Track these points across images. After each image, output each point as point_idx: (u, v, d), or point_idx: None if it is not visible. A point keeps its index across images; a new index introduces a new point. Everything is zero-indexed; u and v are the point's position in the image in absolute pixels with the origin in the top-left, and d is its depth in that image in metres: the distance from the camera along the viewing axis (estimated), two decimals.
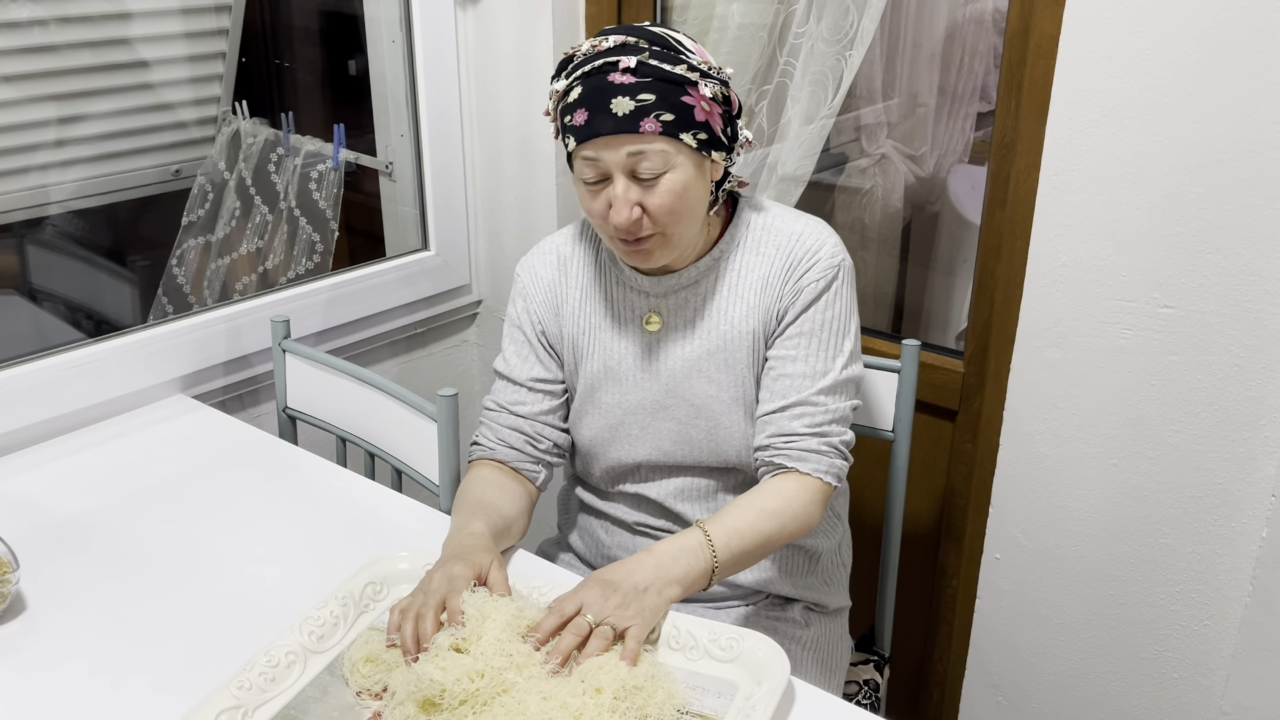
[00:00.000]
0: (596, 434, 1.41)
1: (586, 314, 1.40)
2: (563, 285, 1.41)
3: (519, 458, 1.40)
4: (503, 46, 2.03)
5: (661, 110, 1.18)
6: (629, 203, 1.21)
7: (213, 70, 2.45)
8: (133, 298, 2.44)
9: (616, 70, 1.19)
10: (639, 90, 1.18)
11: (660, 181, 1.21)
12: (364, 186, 2.29)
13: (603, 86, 1.19)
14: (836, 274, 1.31)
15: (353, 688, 1.09)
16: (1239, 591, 1.48)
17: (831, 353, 1.31)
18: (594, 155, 1.21)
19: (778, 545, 1.27)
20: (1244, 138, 1.32)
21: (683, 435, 1.37)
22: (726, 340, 1.33)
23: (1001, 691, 1.78)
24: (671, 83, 1.19)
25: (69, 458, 1.57)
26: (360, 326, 2.04)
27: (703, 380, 1.34)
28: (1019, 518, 1.67)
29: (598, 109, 1.19)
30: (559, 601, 1.13)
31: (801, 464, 1.28)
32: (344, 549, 1.35)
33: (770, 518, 1.25)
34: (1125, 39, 1.37)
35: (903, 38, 2.45)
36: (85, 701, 1.09)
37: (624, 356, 1.38)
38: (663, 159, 1.20)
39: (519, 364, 1.42)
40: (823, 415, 1.29)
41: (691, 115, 1.20)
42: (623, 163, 1.20)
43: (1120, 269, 1.46)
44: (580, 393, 1.41)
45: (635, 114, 1.18)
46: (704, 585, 1.21)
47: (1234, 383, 1.41)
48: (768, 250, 1.33)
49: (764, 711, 1.01)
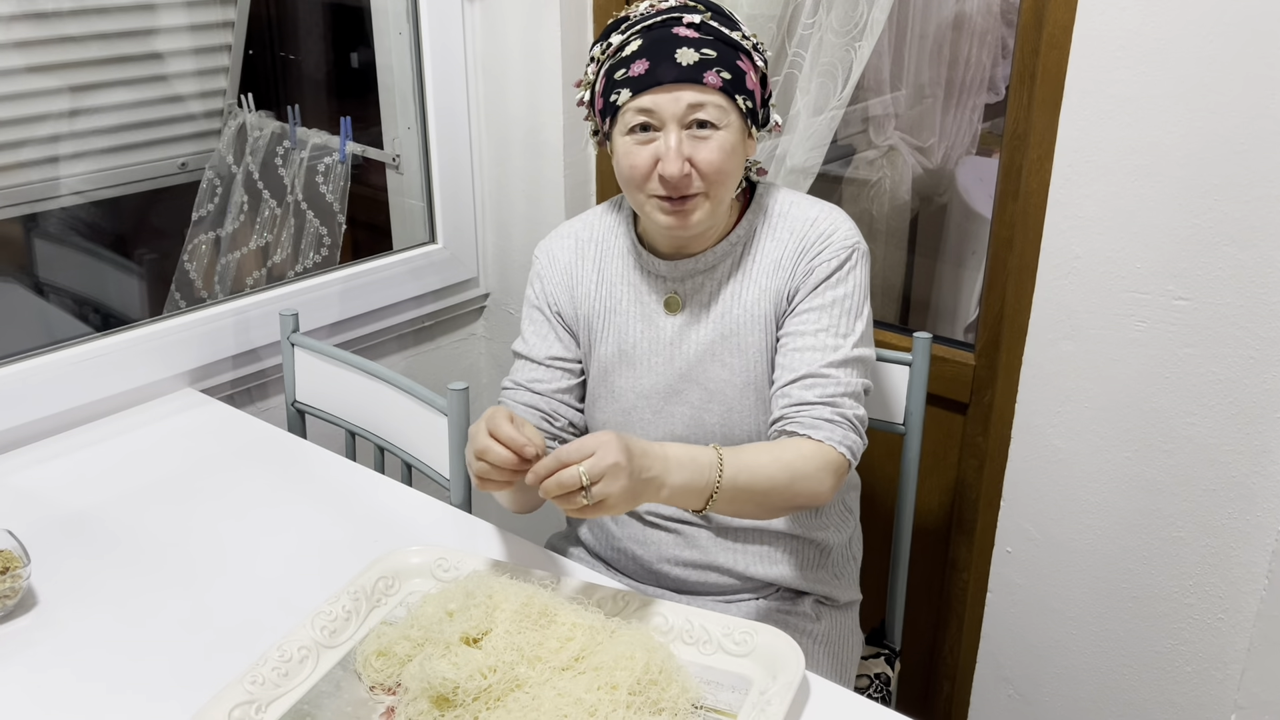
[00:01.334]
0: (609, 419, 1.40)
1: (602, 297, 1.40)
2: (579, 267, 1.41)
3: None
4: (510, 38, 2.02)
5: (722, 67, 1.22)
6: (681, 156, 1.22)
7: (218, 63, 2.45)
8: (141, 291, 2.44)
9: (681, 24, 1.23)
10: (703, 45, 1.22)
11: (713, 137, 1.23)
12: (370, 179, 2.28)
13: (666, 38, 1.22)
14: (850, 256, 1.31)
15: (365, 682, 1.09)
16: (1254, 585, 1.47)
17: (844, 329, 1.30)
18: (650, 105, 1.22)
19: (782, 500, 1.24)
20: (1260, 129, 1.31)
21: (696, 420, 1.36)
22: (740, 324, 1.33)
23: (1013, 685, 1.78)
24: (731, 45, 1.24)
25: (77, 452, 1.57)
26: (368, 320, 2.03)
27: (717, 365, 1.34)
28: (1030, 511, 1.66)
29: (661, 58, 1.22)
30: (572, 447, 1.08)
31: (814, 431, 1.26)
32: (355, 543, 1.35)
33: (784, 468, 1.22)
34: (1140, 29, 1.36)
35: (911, 29, 2.44)
36: (98, 696, 1.09)
37: (639, 341, 1.38)
38: (720, 113, 1.23)
39: (537, 343, 1.42)
40: (834, 387, 1.28)
41: (744, 81, 1.24)
42: (680, 113, 1.22)
43: (1134, 261, 1.45)
44: (594, 376, 1.41)
45: (700, 64, 1.21)
46: (696, 506, 1.18)
47: (1250, 375, 1.40)
48: (782, 235, 1.34)
49: (779, 706, 1.01)
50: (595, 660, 1.05)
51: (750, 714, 1.03)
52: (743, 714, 1.04)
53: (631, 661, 1.04)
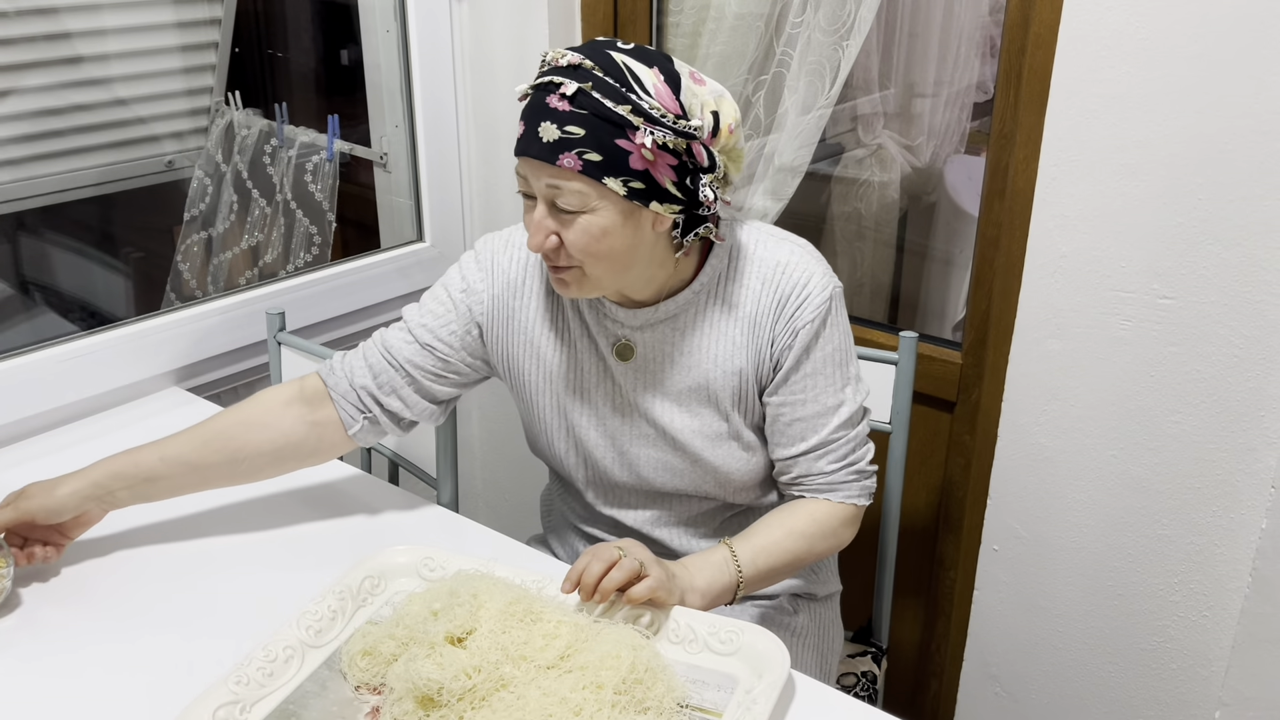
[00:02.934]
0: (569, 450, 1.36)
1: (562, 324, 1.31)
2: (522, 287, 1.32)
3: (346, 394, 1.32)
4: (498, 35, 2.02)
5: (587, 148, 1.10)
6: (544, 230, 1.15)
7: (205, 60, 2.44)
8: (127, 290, 2.43)
9: (554, 93, 1.11)
10: (569, 121, 1.10)
11: (578, 219, 1.14)
12: (358, 178, 2.28)
13: (539, 106, 1.12)
14: (829, 306, 1.24)
15: (351, 682, 1.09)
16: (1238, 583, 1.48)
17: (839, 383, 1.27)
18: (524, 172, 1.16)
19: (807, 563, 1.29)
20: (1245, 128, 1.32)
21: (663, 463, 1.32)
22: (710, 377, 1.27)
23: (1000, 683, 1.78)
24: (609, 122, 1.10)
25: (62, 451, 1.56)
26: (355, 319, 2.03)
27: (684, 414, 1.29)
28: (1017, 509, 1.67)
29: (530, 128, 1.13)
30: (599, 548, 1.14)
31: (833, 494, 1.29)
32: (340, 543, 1.35)
33: (799, 538, 1.26)
34: (1125, 28, 1.37)
35: (899, 27, 2.44)
36: (82, 697, 1.08)
37: (600, 381, 1.31)
38: (579, 198, 1.12)
39: (425, 319, 1.32)
40: (846, 446, 1.29)
41: (625, 161, 1.11)
42: (543, 191, 1.14)
43: (1120, 260, 1.46)
44: (543, 405, 1.34)
45: (556, 145, 1.10)
46: (728, 600, 1.22)
47: (1234, 373, 1.41)
48: (752, 284, 1.25)
49: (764, 705, 1.01)
50: (581, 659, 1.05)
51: (736, 713, 1.03)
52: (728, 713, 1.04)
53: (617, 661, 1.04)
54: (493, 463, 2.36)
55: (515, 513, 2.34)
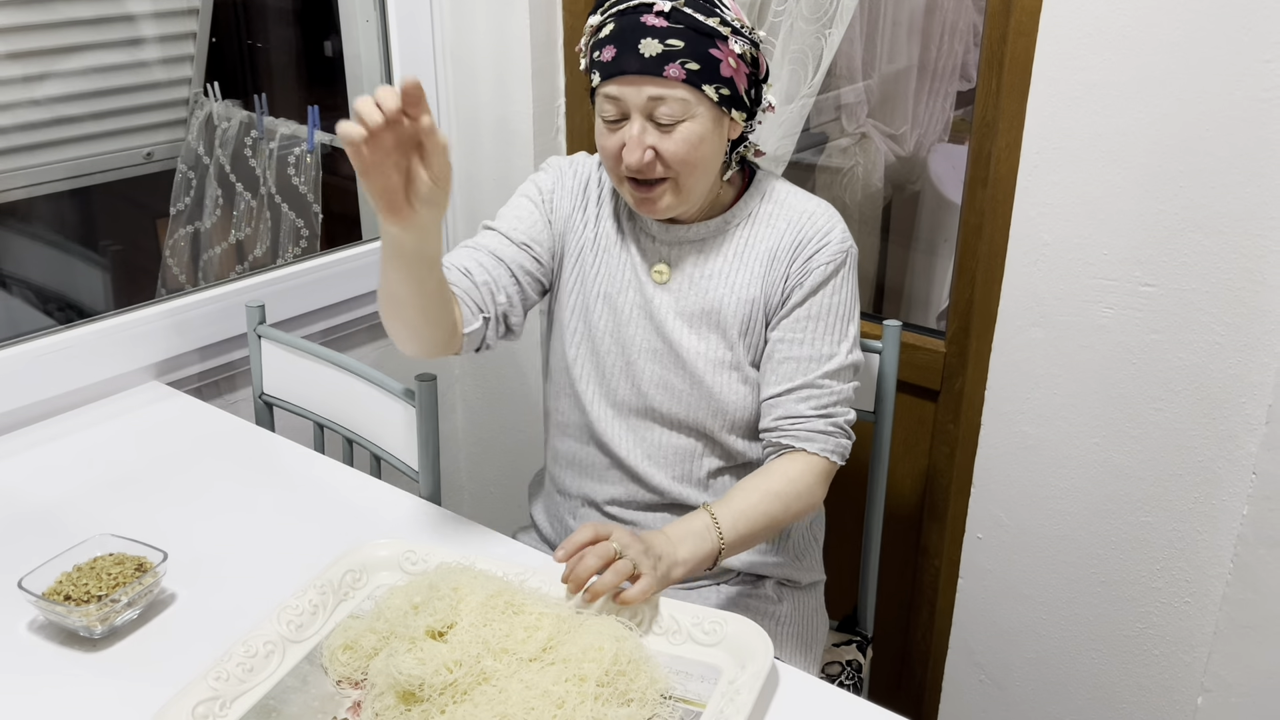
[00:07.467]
0: (579, 355, 1.40)
1: (599, 234, 1.40)
2: (587, 193, 1.41)
3: (470, 290, 1.31)
4: (479, 26, 2.00)
5: (688, 58, 1.20)
6: (643, 145, 1.23)
7: (184, 50, 2.41)
8: (106, 283, 2.41)
9: (650, 12, 1.21)
10: (669, 35, 1.20)
11: (677, 129, 1.23)
12: (339, 169, 2.26)
13: (634, 26, 1.21)
14: (845, 260, 1.33)
15: (332, 676, 1.08)
16: (1220, 569, 1.48)
17: (836, 337, 1.33)
18: (616, 94, 1.23)
19: (784, 525, 1.31)
20: (1226, 116, 1.32)
21: (665, 382, 1.37)
22: (723, 303, 1.34)
23: (984, 670, 1.79)
24: (702, 33, 1.21)
25: (41, 446, 1.55)
26: (337, 311, 2.02)
27: (693, 336, 1.35)
28: (1001, 497, 1.67)
29: (626, 47, 1.21)
30: (589, 526, 1.16)
31: (809, 444, 1.31)
32: (322, 536, 1.34)
33: (775, 499, 1.27)
34: (1107, 16, 1.36)
35: (883, 15, 2.44)
36: (59, 692, 1.07)
37: (624, 289, 1.38)
38: (682, 106, 1.22)
39: (515, 223, 1.39)
40: (828, 397, 1.32)
41: (717, 69, 1.22)
42: (643, 105, 1.22)
43: (1102, 247, 1.46)
44: (570, 308, 1.40)
45: (661, 57, 1.20)
46: (709, 566, 1.23)
47: (1215, 360, 1.41)
48: (778, 224, 1.34)
49: (748, 695, 1.01)
50: (563, 651, 1.05)
51: (719, 704, 1.03)
52: (711, 704, 1.04)
53: (600, 652, 1.03)
54: (476, 455, 2.35)
55: (500, 505, 2.33)
